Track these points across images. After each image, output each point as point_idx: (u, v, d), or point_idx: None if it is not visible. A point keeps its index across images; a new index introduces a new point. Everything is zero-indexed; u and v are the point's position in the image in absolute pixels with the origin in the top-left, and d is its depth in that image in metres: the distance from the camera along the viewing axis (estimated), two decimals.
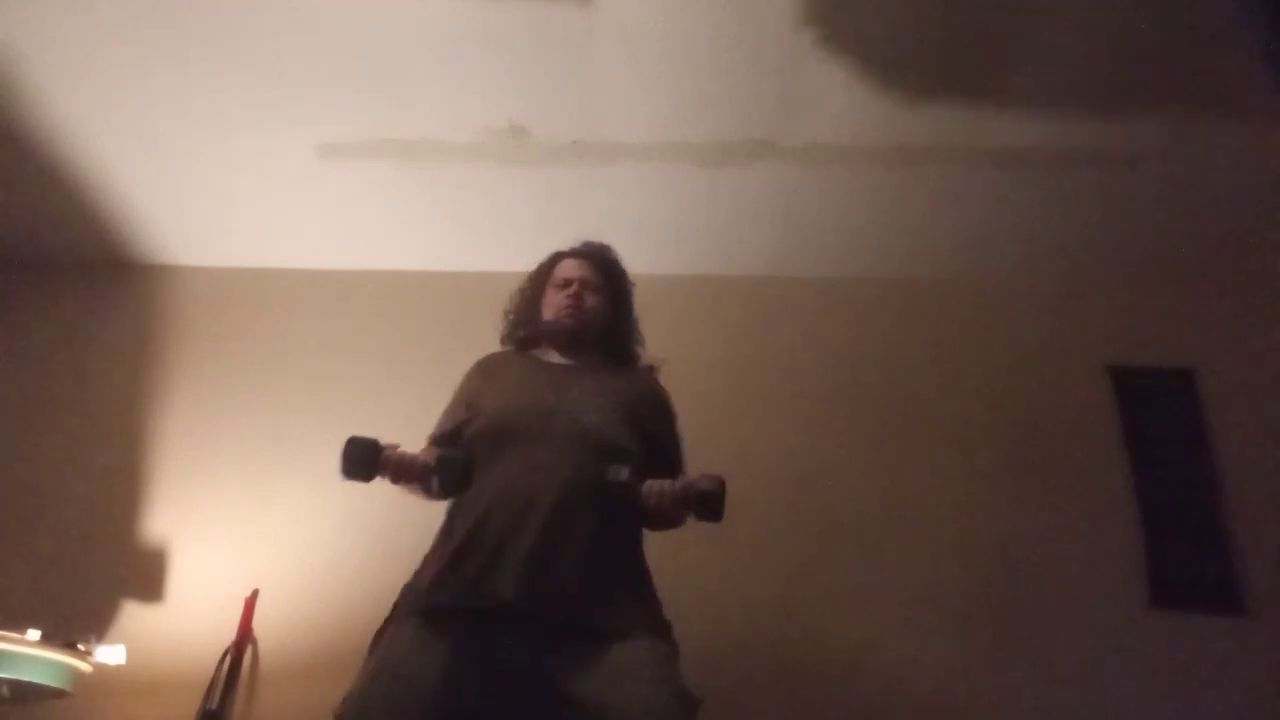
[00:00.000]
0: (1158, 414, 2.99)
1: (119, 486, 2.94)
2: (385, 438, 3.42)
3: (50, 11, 2.40)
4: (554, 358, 1.89)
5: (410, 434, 2.99)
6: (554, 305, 1.91)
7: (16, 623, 2.22)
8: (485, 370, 1.90)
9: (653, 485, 1.58)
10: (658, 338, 2.08)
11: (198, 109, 2.71)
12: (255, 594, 2.71)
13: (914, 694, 2.57)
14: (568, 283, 1.92)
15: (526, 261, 2.08)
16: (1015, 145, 2.76)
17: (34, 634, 2.22)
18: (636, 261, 2.09)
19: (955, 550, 2.79)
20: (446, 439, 1.79)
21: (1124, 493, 2.87)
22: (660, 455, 1.76)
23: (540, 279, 2.00)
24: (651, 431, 1.78)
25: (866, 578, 2.77)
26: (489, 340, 2.06)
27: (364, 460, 1.62)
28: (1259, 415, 2.94)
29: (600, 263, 1.98)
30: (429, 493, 1.69)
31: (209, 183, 2.99)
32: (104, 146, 2.84)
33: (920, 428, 3.01)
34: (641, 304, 2.07)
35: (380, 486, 3.06)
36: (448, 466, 1.62)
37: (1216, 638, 2.63)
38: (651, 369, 1.97)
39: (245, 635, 2.64)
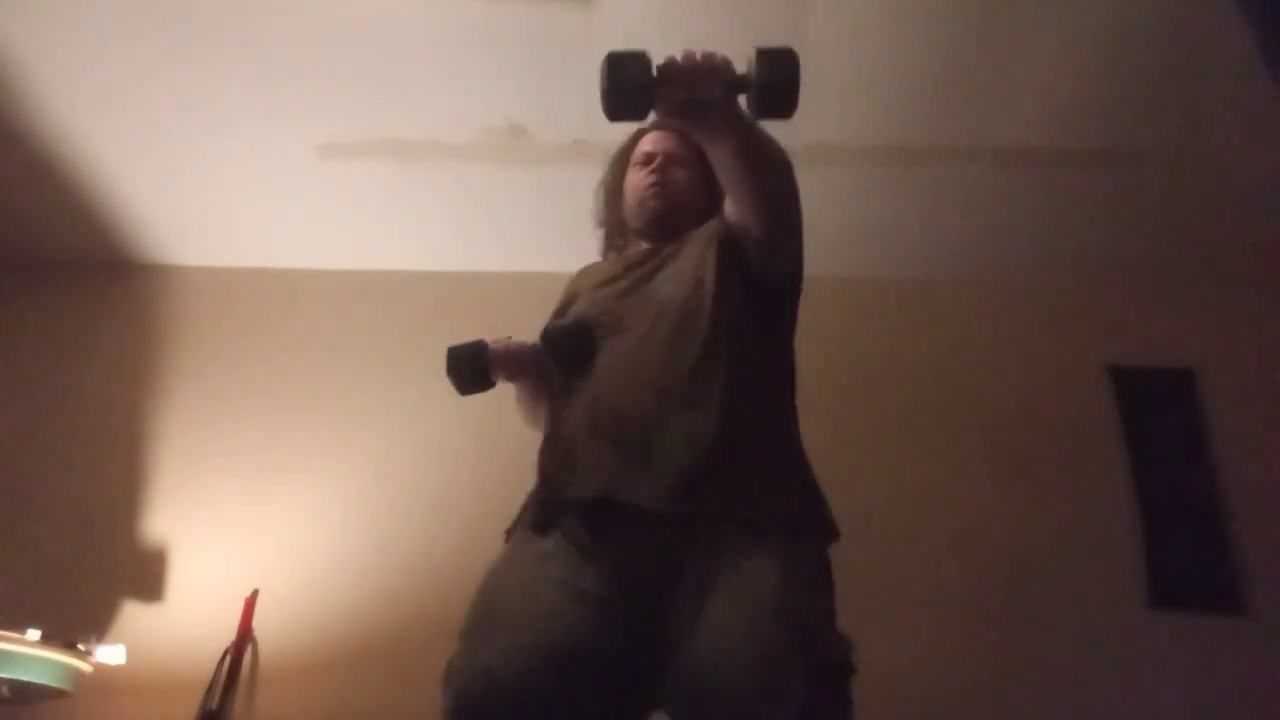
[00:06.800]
0: (1158, 414, 3.00)
1: (119, 486, 2.94)
2: (385, 438, 3.40)
3: (50, 12, 2.40)
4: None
5: (411, 434, 3.03)
6: (636, 188, 1.59)
7: (16, 623, 2.22)
8: (582, 272, 1.65)
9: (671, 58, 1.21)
10: None
11: (197, 109, 2.71)
12: (255, 594, 2.71)
13: (914, 694, 2.57)
14: (649, 158, 1.59)
15: (526, 261, 2.06)
16: (1015, 145, 2.76)
17: (34, 634, 2.22)
18: None
19: (955, 550, 2.80)
20: None
21: (1124, 493, 2.87)
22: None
23: (620, 163, 1.68)
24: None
25: (866, 578, 2.77)
26: None
27: (475, 367, 1.44)
28: (1259, 415, 2.94)
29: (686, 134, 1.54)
30: (543, 384, 1.46)
31: (209, 183, 2.99)
32: (104, 146, 2.84)
33: (920, 427, 3.01)
34: None
35: (379, 487, 3.06)
36: (556, 339, 1.43)
37: (1216, 638, 2.64)
38: None
39: (245, 635, 2.64)
